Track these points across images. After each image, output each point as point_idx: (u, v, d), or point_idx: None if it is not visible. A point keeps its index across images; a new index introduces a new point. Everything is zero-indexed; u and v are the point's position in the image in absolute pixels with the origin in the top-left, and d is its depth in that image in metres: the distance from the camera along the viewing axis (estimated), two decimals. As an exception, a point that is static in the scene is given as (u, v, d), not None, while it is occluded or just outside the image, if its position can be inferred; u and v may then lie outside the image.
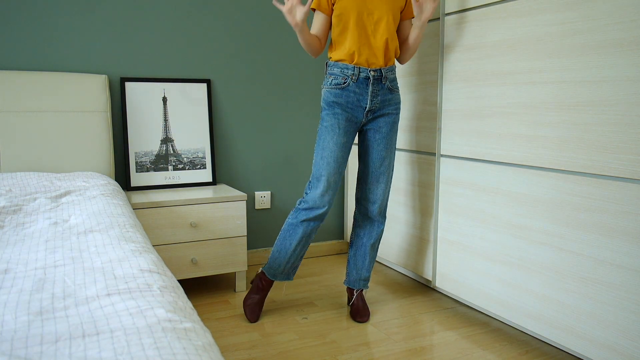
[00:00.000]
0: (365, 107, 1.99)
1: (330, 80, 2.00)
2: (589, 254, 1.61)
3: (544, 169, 1.76)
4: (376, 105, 2.00)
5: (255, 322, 2.10)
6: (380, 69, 1.98)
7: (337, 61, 2.00)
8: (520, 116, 1.83)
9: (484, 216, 2.01)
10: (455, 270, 2.18)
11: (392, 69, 2.04)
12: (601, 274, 1.58)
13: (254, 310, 2.12)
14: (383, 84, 2.00)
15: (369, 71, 1.97)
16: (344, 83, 1.97)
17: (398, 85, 2.11)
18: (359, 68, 1.96)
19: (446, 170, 2.20)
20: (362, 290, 2.21)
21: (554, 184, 1.72)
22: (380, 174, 2.09)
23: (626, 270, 1.51)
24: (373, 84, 1.98)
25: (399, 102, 2.08)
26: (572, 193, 1.66)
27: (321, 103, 2.04)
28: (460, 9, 2.07)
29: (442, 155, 2.23)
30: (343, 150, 2.01)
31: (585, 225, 1.62)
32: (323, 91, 2.03)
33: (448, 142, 2.18)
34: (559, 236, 1.71)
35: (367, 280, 2.21)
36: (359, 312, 2.14)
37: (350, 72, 1.96)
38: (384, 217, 2.17)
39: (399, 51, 2.08)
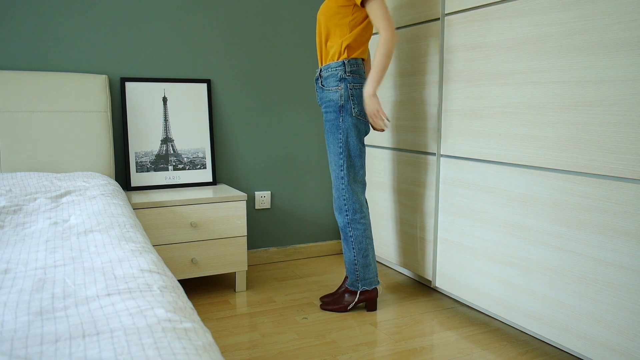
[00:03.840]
0: None
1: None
2: (590, 254, 1.61)
3: (544, 169, 1.76)
4: None
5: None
6: None
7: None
8: (520, 116, 1.83)
9: (484, 216, 2.01)
10: (455, 270, 2.18)
11: None
12: (601, 274, 1.58)
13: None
14: None
15: None
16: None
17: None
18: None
19: (446, 170, 2.20)
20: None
21: (554, 184, 1.72)
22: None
23: (626, 270, 1.51)
24: None
25: None
26: (572, 193, 1.66)
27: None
28: (460, 9, 2.07)
29: (442, 155, 2.23)
30: None
31: (586, 225, 1.62)
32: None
33: (448, 142, 2.18)
34: (559, 236, 1.71)
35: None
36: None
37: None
38: None
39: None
